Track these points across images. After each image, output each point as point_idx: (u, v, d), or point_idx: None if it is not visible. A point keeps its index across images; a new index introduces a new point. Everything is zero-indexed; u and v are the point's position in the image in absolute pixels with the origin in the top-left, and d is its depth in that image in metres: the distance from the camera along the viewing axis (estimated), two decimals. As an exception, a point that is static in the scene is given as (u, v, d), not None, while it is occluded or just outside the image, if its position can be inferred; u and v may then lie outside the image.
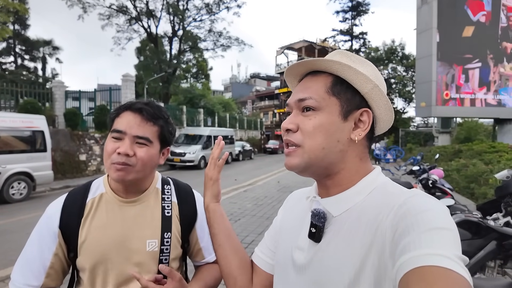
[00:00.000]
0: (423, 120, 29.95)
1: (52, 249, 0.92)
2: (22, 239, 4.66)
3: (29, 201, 8.12)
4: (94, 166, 13.05)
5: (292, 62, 45.03)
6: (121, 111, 0.93)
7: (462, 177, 8.18)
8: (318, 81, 0.66)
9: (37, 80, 26.25)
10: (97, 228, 0.93)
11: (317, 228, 0.64)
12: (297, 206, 0.79)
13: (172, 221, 1.00)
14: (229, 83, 64.49)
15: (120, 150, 0.88)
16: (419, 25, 16.26)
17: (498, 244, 2.44)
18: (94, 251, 0.91)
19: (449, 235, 0.48)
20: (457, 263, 0.44)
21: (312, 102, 0.64)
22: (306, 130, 0.63)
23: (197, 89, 27.57)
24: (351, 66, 0.62)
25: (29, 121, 8.38)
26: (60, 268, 0.95)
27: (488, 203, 2.98)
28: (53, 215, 0.95)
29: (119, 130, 0.90)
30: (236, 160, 20.97)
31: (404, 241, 0.49)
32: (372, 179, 0.65)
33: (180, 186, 1.10)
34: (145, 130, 0.91)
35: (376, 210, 0.58)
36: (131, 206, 0.97)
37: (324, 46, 41.94)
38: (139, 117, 0.91)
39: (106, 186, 0.99)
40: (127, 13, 22.89)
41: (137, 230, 0.95)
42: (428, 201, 0.54)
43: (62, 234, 0.93)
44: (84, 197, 0.97)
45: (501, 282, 1.87)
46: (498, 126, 16.47)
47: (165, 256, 0.96)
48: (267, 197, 8.27)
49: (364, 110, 0.65)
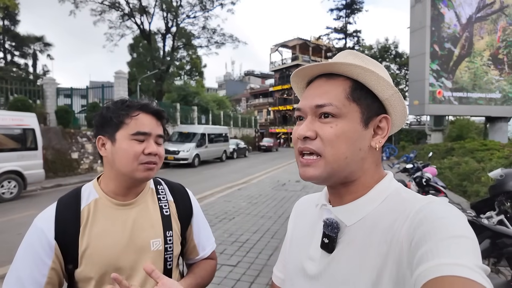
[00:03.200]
0: (416, 118, 30.21)
1: (48, 263, 0.87)
2: (13, 239, 4.63)
3: (20, 200, 8.00)
4: (86, 165, 12.90)
5: (286, 59, 45.09)
6: (134, 112, 0.92)
7: (454, 175, 8.27)
8: (336, 85, 0.62)
9: (28, 77, 25.87)
10: (98, 235, 0.90)
11: (330, 239, 0.62)
12: (306, 215, 0.77)
13: (172, 219, 1.01)
14: (223, 80, 64.30)
15: (151, 151, 0.91)
16: (413, 23, 16.35)
17: (491, 243, 2.45)
18: (100, 259, 0.89)
19: (468, 243, 0.47)
20: (478, 273, 0.43)
21: (333, 109, 0.60)
22: (328, 139, 0.60)
23: (191, 87, 27.43)
24: (374, 71, 0.60)
25: (19, 119, 8.23)
26: (57, 282, 0.91)
27: (481, 202, 3.00)
28: (45, 227, 0.89)
29: (144, 132, 0.91)
30: (230, 158, 20.93)
31: (422, 250, 0.47)
32: (385, 186, 0.63)
33: (173, 185, 1.12)
34: (160, 128, 0.97)
35: (391, 218, 0.57)
36: (130, 208, 0.96)
37: (318, 44, 42.04)
38: (154, 117, 0.95)
39: (99, 191, 0.96)
40: (120, 9, 22.65)
41: (139, 231, 0.95)
42: (445, 208, 0.53)
43: (59, 246, 0.88)
44: (77, 205, 0.93)
45: (494, 281, 1.89)
46: (490, 124, 16.68)
47: (169, 254, 0.98)
48: (261, 195, 8.26)
49: (383, 117, 0.63)
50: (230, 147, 21.10)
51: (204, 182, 10.46)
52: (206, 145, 17.41)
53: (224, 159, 19.57)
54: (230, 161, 19.81)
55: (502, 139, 14.61)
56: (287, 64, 44.16)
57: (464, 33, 15.70)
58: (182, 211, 1.06)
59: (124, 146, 0.90)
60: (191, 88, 26.41)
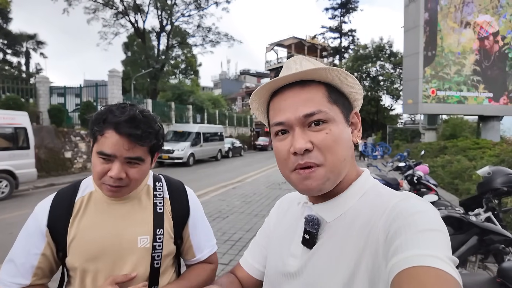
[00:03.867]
0: (410, 117, 30.41)
1: (40, 248, 0.91)
2: (5, 239, 4.57)
3: (11, 199, 7.92)
4: (80, 164, 12.81)
5: (281, 58, 45.08)
6: (105, 130, 0.84)
7: (446, 173, 8.34)
8: (314, 91, 0.61)
9: (21, 75, 25.56)
10: (86, 227, 0.92)
11: (310, 235, 0.64)
12: (288, 212, 0.78)
13: (164, 217, 0.99)
14: (218, 79, 64.08)
15: (112, 174, 0.84)
16: (406, 23, 16.44)
17: (479, 239, 2.48)
18: (84, 250, 0.90)
19: (440, 236, 0.49)
20: (448, 263, 0.45)
21: (324, 115, 0.59)
22: (327, 146, 0.58)
23: (185, 85, 27.30)
24: (345, 71, 0.62)
25: (10, 118, 8.15)
26: (48, 267, 0.94)
27: (470, 199, 3.03)
28: (40, 214, 0.93)
29: (107, 154, 0.84)
30: (225, 157, 20.90)
31: (396, 243, 0.50)
32: (363, 182, 0.65)
33: (172, 183, 1.09)
34: (135, 151, 0.86)
35: (369, 214, 0.59)
36: (122, 204, 0.96)
37: (314, 43, 42.07)
38: (127, 140, 0.84)
39: (95, 184, 0.97)
40: (114, 7, 22.45)
41: (128, 227, 0.94)
42: (419, 203, 0.55)
43: (50, 233, 0.92)
44: (73, 196, 0.95)
45: (481, 277, 1.91)
46: (482, 123, 16.84)
47: (157, 252, 0.95)
48: (255, 194, 8.27)
49: (354, 112, 0.68)
50: (226, 146, 21.05)
51: (199, 181, 10.44)
52: (201, 144, 17.37)
53: (219, 158, 19.54)
54: (225, 160, 19.78)
55: (494, 137, 14.76)
56: (283, 63, 43.99)
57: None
58: (176, 210, 1.02)
59: (93, 160, 0.88)
60: (186, 87, 26.29)
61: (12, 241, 0.94)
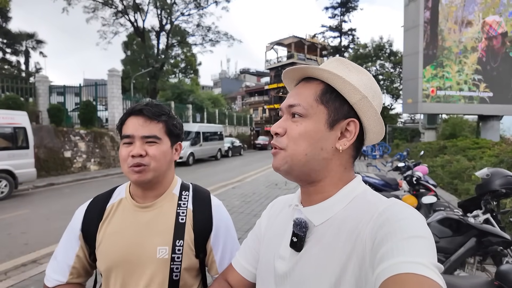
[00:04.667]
0: (410, 117, 30.40)
1: (75, 249, 0.97)
2: (3, 239, 4.54)
3: (11, 199, 7.93)
4: (79, 163, 12.81)
5: (281, 57, 45.06)
6: (125, 118, 0.96)
7: (446, 173, 8.34)
8: (309, 88, 0.67)
9: (20, 74, 25.55)
10: (111, 233, 0.95)
11: (298, 238, 0.64)
12: (280, 214, 0.79)
13: (185, 228, 0.96)
14: (218, 78, 64.05)
15: (133, 153, 0.91)
16: (406, 22, 16.41)
17: (477, 241, 2.47)
18: (107, 256, 0.93)
19: (425, 243, 0.50)
20: (433, 270, 0.46)
21: (300, 109, 0.64)
22: (292, 135, 0.64)
23: (185, 85, 27.27)
24: (340, 76, 0.63)
25: (10, 117, 8.16)
26: (82, 268, 0.99)
27: (468, 201, 3.02)
28: (78, 218, 0.99)
29: (127, 135, 0.93)
30: (225, 157, 20.91)
31: (383, 250, 0.50)
32: (353, 188, 0.66)
33: (198, 192, 1.06)
34: (150, 128, 0.93)
35: (356, 219, 0.59)
36: (145, 211, 0.97)
37: (314, 42, 42.06)
38: (142, 118, 0.94)
39: (127, 191, 1.01)
40: (113, 6, 22.42)
41: (149, 236, 0.93)
42: (406, 210, 0.56)
43: (83, 237, 0.97)
44: (106, 202, 1.00)
45: (479, 280, 1.91)
46: (482, 122, 16.83)
47: (176, 264, 0.92)
48: (255, 193, 8.27)
49: (351, 120, 0.65)
50: (225, 145, 21.07)
51: (198, 181, 10.37)
52: (200, 143, 17.37)
53: (219, 157, 19.55)
54: (225, 159, 19.79)
55: (494, 137, 14.77)
56: (283, 62, 44.08)
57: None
58: (198, 222, 0.98)
59: (120, 151, 0.96)
60: (185, 86, 26.28)
61: (11, 242, 0.98)
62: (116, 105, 15.26)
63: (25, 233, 5.10)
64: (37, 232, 5.17)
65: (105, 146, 14.26)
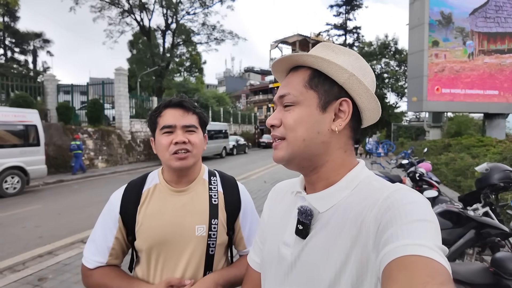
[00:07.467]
0: (415, 115, 30.28)
1: (113, 232, 1.06)
2: (18, 233, 4.76)
3: (23, 195, 8.13)
4: (87, 160, 13.02)
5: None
6: (162, 110, 1.05)
7: (450, 170, 8.38)
8: (297, 76, 0.68)
9: (28, 73, 25.87)
10: (151, 215, 1.04)
11: (304, 225, 0.65)
12: (282, 201, 0.79)
13: (218, 209, 1.09)
14: (223, 77, 64.13)
15: (177, 139, 1.01)
16: (411, 20, 16.38)
17: (476, 233, 2.56)
18: (149, 235, 1.02)
19: (430, 226, 0.50)
20: (438, 252, 0.46)
21: (291, 98, 0.66)
22: (287, 124, 0.65)
23: (190, 83, 27.45)
24: (324, 58, 0.63)
25: (21, 115, 8.35)
26: (120, 249, 1.08)
27: (469, 195, 3.12)
28: (115, 202, 1.08)
29: (169, 125, 1.02)
30: (230, 155, 21.03)
31: (387, 233, 0.50)
32: (357, 174, 0.66)
33: (226, 178, 1.20)
34: (189, 119, 1.05)
35: (361, 205, 0.59)
36: (181, 195, 1.08)
37: (318, 40, 41.89)
38: (181, 110, 1.04)
39: (160, 177, 1.11)
40: (119, 6, 22.60)
41: (187, 216, 1.05)
42: (410, 194, 0.56)
43: (122, 220, 1.06)
44: (141, 187, 1.09)
45: (475, 266, 2.01)
46: (487, 120, 16.76)
47: (212, 240, 1.05)
48: (260, 190, 8.38)
49: (343, 100, 0.65)
50: (230, 144, 21.19)
51: (204, 178, 10.55)
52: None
53: (223, 155, 19.69)
54: (229, 157, 19.93)
55: (500, 135, 14.72)
56: (287, 60, 43.89)
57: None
58: (229, 203, 1.12)
59: (158, 141, 1.04)
60: (190, 85, 26.46)
61: (26, 234, 1.08)
62: (122, 104, 15.43)
63: (38, 226, 5.27)
64: (50, 225, 5.33)
65: (112, 144, 14.46)
